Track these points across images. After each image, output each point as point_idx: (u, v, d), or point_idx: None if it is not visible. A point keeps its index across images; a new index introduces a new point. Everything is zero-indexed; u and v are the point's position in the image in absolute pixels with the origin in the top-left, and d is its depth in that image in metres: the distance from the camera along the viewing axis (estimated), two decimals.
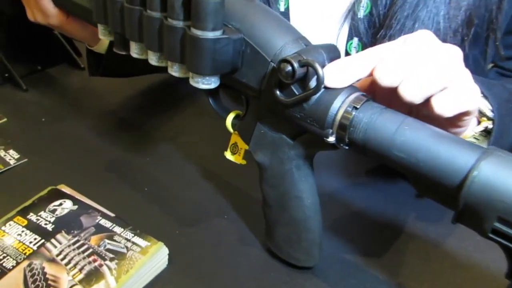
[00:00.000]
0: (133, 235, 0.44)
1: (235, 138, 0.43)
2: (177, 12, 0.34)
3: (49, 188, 0.51)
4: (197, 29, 0.33)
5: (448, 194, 0.28)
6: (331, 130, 0.32)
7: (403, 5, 0.45)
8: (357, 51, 0.52)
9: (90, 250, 0.43)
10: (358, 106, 0.31)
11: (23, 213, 0.47)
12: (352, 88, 0.32)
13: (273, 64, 0.33)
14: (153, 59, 0.38)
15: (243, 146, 0.43)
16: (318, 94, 0.32)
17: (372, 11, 0.49)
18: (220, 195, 0.51)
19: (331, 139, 0.32)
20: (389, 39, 0.46)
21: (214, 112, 0.42)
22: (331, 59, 0.33)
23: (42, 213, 0.47)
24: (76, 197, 0.50)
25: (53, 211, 0.48)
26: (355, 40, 0.51)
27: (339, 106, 0.31)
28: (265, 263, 0.43)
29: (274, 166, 0.38)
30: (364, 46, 0.50)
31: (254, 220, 0.48)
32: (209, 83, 0.35)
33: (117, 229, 0.45)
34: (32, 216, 0.47)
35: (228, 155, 0.44)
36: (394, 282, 0.41)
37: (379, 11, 0.48)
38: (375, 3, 0.48)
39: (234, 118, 0.41)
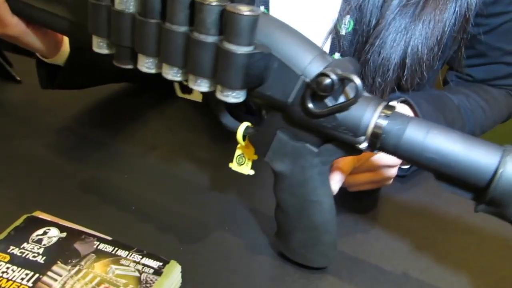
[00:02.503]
0: (141, 257, 0.42)
1: (242, 149, 0.44)
2: (207, 27, 0.34)
3: (24, 216, 0.46)
4: (232, 44, 0.33)
5: (474, 188, 0.33)
6: (364, 138, 0.35)
7: (387, 26, 0.50)
8: None
9: (98, 278, 0.40)
10: (389, 115, 0.34)
11: (2, 247, 0.42)
12: (377, 98, 0.36)
13: (303, 77, 0.35)
14: (169, 74, 0.38)
15: (251, 156, 0.44)
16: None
17: (356, 29, 0.53)
18: (213, 207, 0.51)
19: (364, 146, 0.35)
20: (371, 56, 0.51)
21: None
22: (356, 71, 0.36)
23: (25, 245, 0.43)
24: (60, 223, 0.46)
25: (39, 241, 0.43)
26: (337, 55, 0.54)
27: (371, 115, 0.34)
28: (277, 269, 0.44)
29: (295, 174, 0.40)
30: None
31: (255, 228, 0.49)
32: (239, 96, 0.36)
33: (122, 253, 0.43)
34: (14, 250, 0.42)
35: (234, 166, 0.44)
36: (406, 276, 0.45)
37: (363, 29, 0.52)
38: (359, 21, 0.52)
39: (245, 129, 0.42)
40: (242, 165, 0.44)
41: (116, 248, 0.43)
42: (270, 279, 0.43)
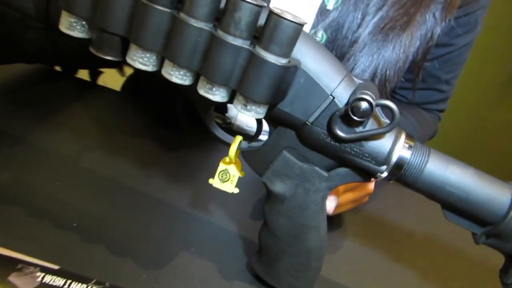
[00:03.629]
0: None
1: (226, 165, 0.39)
2: (241, 29, 0.29)
3: None
4: (270, 53, 0.29)
5: (485, 223, 0.34)
6: (386, 167, 0.33)
7: (362, 48, 0.49)
8: None
9: None
10: (412, 145, 0.33)
11: None
12: (399, 126, 0.34)
13: (332, 97, 0.32)
14: (175, 75, 0.31)
15: (238, 173, 0.39)
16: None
17: (329, 43, 0.51)
18: (174, 224, 0.45)
19: (384, 175, 0.34)
20: None
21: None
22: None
23: None
24: None
25: None
26: None
27: (395, 145, 0.33)
28: None
29: (297, 197, 0.36)
30: None
31: (225, 249, 0.44)
32: (262, 112, 0.31)
33: (76, 286, 0.34)
34: None
35: (216, 183, 0.39)
36: None
37: (337, 46, 0.51)
38: (334, 38, 0.50)
39: (239, 144, 0.37)
40: (225, 182, 0.39)
41: (68, 280, 0.35)
42: None
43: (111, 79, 0.76)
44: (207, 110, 0.37)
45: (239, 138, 0.37)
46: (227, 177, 0.39)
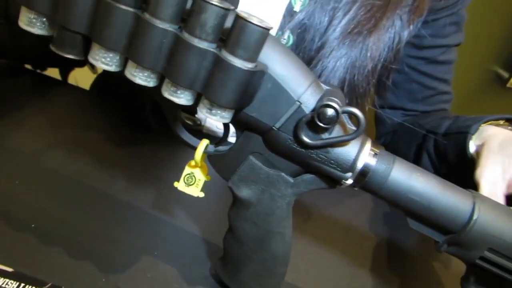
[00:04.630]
0: None
1: (192, 168, 0.38)
2: (207, 31, 0.28)
3: None
4: (237, 57, 0.28)
5: (447, 231, 0.34)
6: (350, 174, 0.33)
7: (330, 51, 0.49)
8: None
9: None
10: (377, 153, 0.33)
11: None
12: (364, 133, 0.34)
13: (299, 103, 0.32)
14: (138, 76, 0.30)
15: (204, 177, 0.38)
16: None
17: (296, 45, 0.51)
18: (137, 227, 0.44)
19: (349, 182, 0.34)
20: None
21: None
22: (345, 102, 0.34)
23: None
24: None
25: None
26: None
27: (360, 152, 0.33)
28: None
29: (263, 203, 0.36)
30: None
31: (188, 253, 0.43)
32: (228, 117, 0.31)
33: None
34: None
35: (181, 187, 0.38)
36: None
37: (304, 48, 0.51)
38: (301, 40, 0.50)
39: (205, 148, 0.36)
40: (191, 185, 0.39)
41: (22, 284, 0.33)
42: None
43: (82, 76, 0.74)
44: (173, 112, 0.36)
45: (205, 141, 0.37)
46: (193, 180, 0.39)
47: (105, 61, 0.30)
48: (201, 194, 0.39)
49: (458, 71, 0.68)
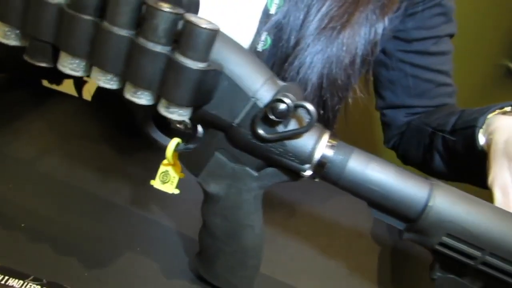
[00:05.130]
0: (39, 287, 0.36)
1: (168, 166, 0.41)
2: (159, 35, 0.30)
3: None
4: (187, 58, 0.30)
5: (406, 219, 0.35)
6: (309, 165, 0.35)
7: (306, 48, 0.51)
8: None
9: None
10: (334, 144, 0.35)
11: None
12: (322, 126, 0.36)
13: (254, 100, 0.34)
14: (102, 80, 0.33)
15: (178, 175, 0.41)
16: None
17: (274, 46, 0.53)
18: (122, 225, 0.46)
19: (307, 173, 0.35)
20: (289, 74, 0.52)
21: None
22: (303, 97, 0.36)
23: None
24: None
25: None
26: None
27: (317, 144, 0.35)
28: None
29: (231, 197, 0.38)
30: None
31: (170, 249, 0.45)
32: (185, 114, 0.33)
33: (13, 282, 0.36)
34: None
35: (156, 184, 0.41)
36: None
37: (282, 48, 0.52)
38: (278, 40, 0.52)
39: (176, 146, 0.39)
40: (166, 183, 0.41)
41: (5, 277, 0.36)
42: None
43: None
44: (143, 113, 0.38)
45: (175, 140, 0.39)
46: (168, 178, 0.41)
47: (72, 67, 0.33)
48: (176, 191, 0.41)
49: (468, 65, 0.67)
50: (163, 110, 0.32)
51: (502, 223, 0.34)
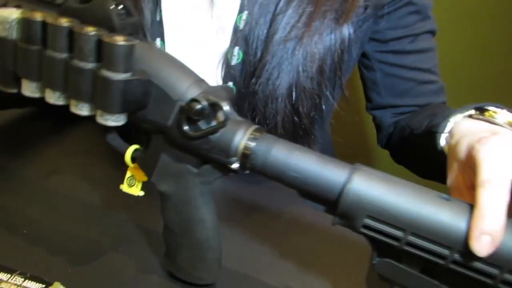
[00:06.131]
0: (23, 279, 0.42)
1: (133, 171, 0.46)
2: (85, 55, 0.36)
3: None
4: (108, 71, 0.36)
5: (329, 203, 0.36)
6: (235, 158, 0.38)
7: (271, 59, 0.54)
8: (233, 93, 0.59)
9: None
10: (257, 137, 0.38)
11: None
12: (249, 122, 0.39)
13: (180, 103, 0.38)
14: (52, 98, 0.39)
15: (141, 178, 0.45)
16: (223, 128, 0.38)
17: (244, 60, 0.57)
18: (109, 228, 0.52)
19: (235, 166, 0.38)
20: (260, 86, 0.55)
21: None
22: (229, 98, 0.39)
23: None
24: None
25: None
26: (230, 84, 0.58)
27: (241, 138, 0.38)
28: (164, 286, 0.46)
29: (178, 194, 0.42)
30: (238, 89, 0.58)
31: (149, 249, 0.50)
32: (118, 120, 0.38)
33: (2, 276, 0.42)
34: None
35: (124, 188, 0.46)
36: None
37: (250, 61, 0.56)
38: (247, 53, 0.56)
39: (133, 152, 0.44)
40: (132, 186, 0.46)
41: None
42: None
43: None
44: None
45: (133, 147, 0.44)
46: (134, 182, 0.46)
47: (32, 90, 0.40)
48: (141, 193, 0.46)
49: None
50: (99, 118, 0.38)
51: (422, 203, 0.34)
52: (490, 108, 0.47)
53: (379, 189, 0.35)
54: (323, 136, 0.69)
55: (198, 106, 0.36)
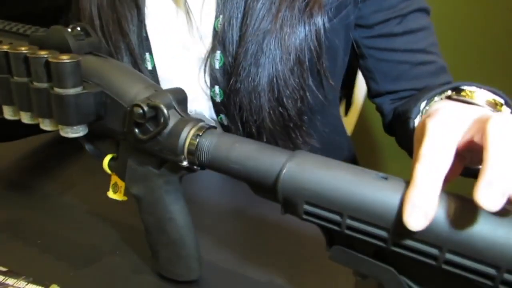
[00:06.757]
0: (26, 283, 0.47)
1: (115, 178, 0.49)
2: (40, 76, 0.40)
3: None
4: (59, 88, 0.39)
5: (270, 191, 0.36)
6: (183, 156, 0.39)
7: (245, 55, 0.55)
8: (219, 97, 0.60)
9: None
10: (201, 134, 0.39)
11: None
12: (197, 119, 0.40)
13: (129, 108, 0.40)
14: (25, 118, 0.43)
15: (122, 184, 0.48)
16: (169, 129, 0.39)
17: (225, 62, 0.58)
18: (110, 234, 0.56)
19: (185, 163, 0.39)
20: (241, 84, 0.56)
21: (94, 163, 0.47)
22: (178, 100, 0.41)
23: None
24: None
25: None
26: (216, 88, 0.60)
27: (186, 136, 0.39)
28: (153, 284, 0.48)
29: (147, 196, 0.44)
30: (224, 92, 0.59)
31: (143, 251, 0.53)
32: (77, 132, 0.41)
33: (10, 281, 0.47)
34: None
35: (110, 194, 0.49)
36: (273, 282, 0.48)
37: (229, 62, 0.57)
38: (226, 55, 0.57)
39: (110, 160, 0.47)
40: (116, 192, 0.49)
41: (7, 278, 0.48)
42: None
43: None
44: (85, 137, 0.48)
45: (110, 155, 0.47)
46: (117, 188, 0.49)
47: (9, 114, 0.44)
48: (125, 198, 0.49)
49: None
50: (61, 132, 0.41)
51: (356, 184, 0.32)
52: (465, 88, 0.44)
53: (314, 174, 0.34)
54: (329, 127, 0.68)
55: (139, 111, 0.38)
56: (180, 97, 0.41)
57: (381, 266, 0.34)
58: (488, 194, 0.27)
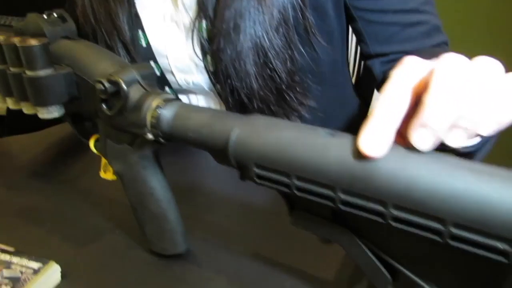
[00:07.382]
0: (28, 260, 0.50)
1: (104, 159, 0.50)
2: (12, 61, 0.42)
3: None
4: (29, 71, 0.41)
5: (220, 155, 0.35)
6: (146, 129, 0.39)
7: (223, 21, 0.54)
8: (212, 67, 0.60)
9: None
10: (162, 106, 0.39)
11: None
12: (161, 93, 0.40)
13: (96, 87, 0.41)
14: (11, 104, 0.46)
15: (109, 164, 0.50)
16: (133, 103, 0.40)
17: (209, 31, 0.58)
18: (112, 215, 0.58)
19: (150, 136, 0.40)
20: (223, 52, 0.55)
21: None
22: (143, 76, 0.41)
23: None
24: None
25: None
26: (209, 57, 0.59)
27: (147, 108, 0.39)
28: (146, 260, 0.49)
29: (127, 172, 0.45)
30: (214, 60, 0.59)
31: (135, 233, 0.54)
32: (52, 111, 0.43)
33: (15, 259, 0.51)
34: None
35: (102, 174, 0.51)
36: (256, 257, 0.47)
37: (211, 30, 0.56)
38: (210, 24, 0.57)
39: (96, 141, 0.48)
40: (107, 172, 0.51)
41: (12, 256, 0.51)
42: (138, 269, 0.48)
43: None
44: (71, 119, 0.50)
45: (94, 136, 0.48)
46: (107, 168, 0.50)
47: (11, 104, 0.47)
48: (114, 178, 0.50)
49: None
50: (38, 113, 0.43)
51: (301, 143, 0.31)
52: None
53: (260, 136, 0.33)
54: (332, 90, 0.66)
55: (101, 87, 0.39)
56: (146, 72, 0.42)
57: (338, 227, 0.33)
58: (421, 133, 0.27)
